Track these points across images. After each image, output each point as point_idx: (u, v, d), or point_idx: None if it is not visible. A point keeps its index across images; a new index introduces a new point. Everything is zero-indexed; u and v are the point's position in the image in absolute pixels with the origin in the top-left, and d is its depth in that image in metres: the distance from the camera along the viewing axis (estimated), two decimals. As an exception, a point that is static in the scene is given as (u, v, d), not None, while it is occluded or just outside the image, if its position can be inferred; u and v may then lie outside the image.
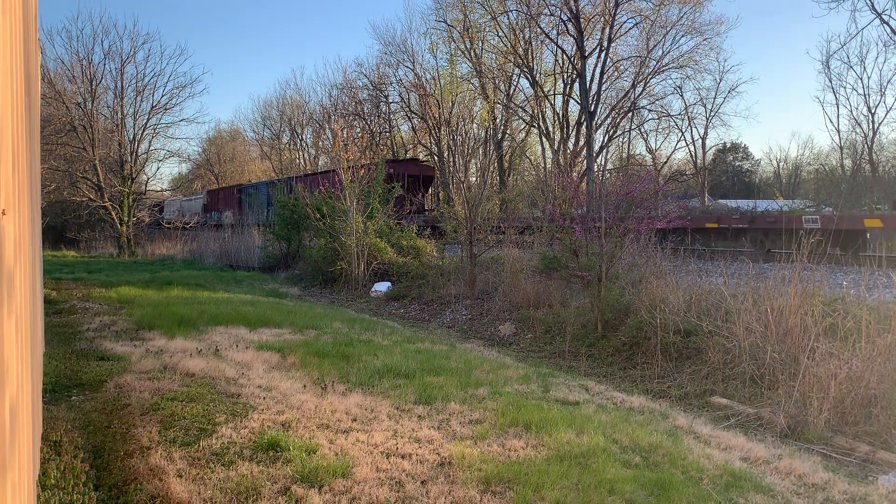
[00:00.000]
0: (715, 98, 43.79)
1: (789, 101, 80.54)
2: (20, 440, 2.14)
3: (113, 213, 34.44)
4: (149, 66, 55.15)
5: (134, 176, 35.68)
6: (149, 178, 40.17)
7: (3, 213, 1.68)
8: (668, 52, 34.29)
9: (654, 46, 34.04)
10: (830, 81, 45.56)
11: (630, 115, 37.21)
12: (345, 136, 21.97)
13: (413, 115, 45.06)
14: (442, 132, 40.10)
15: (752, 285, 8.95)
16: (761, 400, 7.11)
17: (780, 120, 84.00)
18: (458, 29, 37.98)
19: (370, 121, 46.54)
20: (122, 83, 35.20)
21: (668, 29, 33.49)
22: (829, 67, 39.59)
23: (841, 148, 36.48)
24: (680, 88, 38.49)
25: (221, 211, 42.91)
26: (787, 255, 9.05)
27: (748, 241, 16.45)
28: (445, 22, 38.43)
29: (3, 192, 1.71)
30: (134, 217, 35.54)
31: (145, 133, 36.42)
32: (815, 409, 6.33)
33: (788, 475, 5.01)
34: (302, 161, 59.45)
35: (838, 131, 44.52)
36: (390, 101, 45.76)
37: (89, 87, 34.05)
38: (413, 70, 43.03)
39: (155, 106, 36.22)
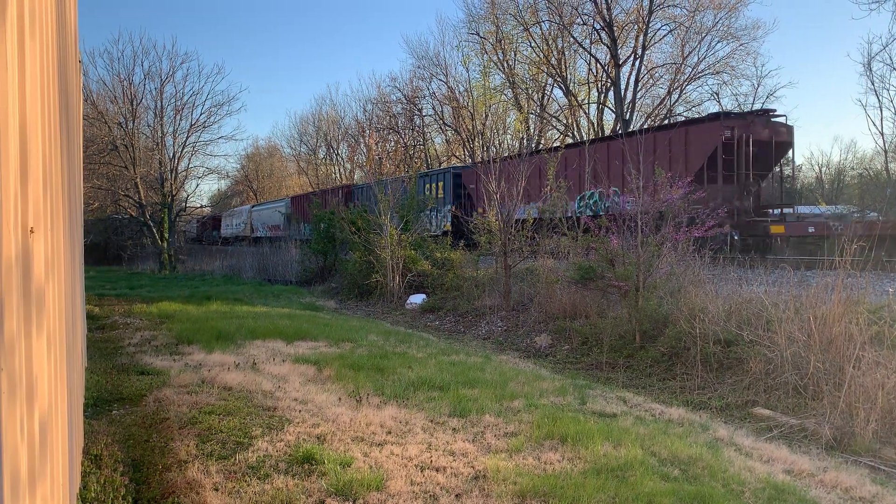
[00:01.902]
0: (753, 104, 42.98)
1: (830, 104, 78.87)
2: (53, 454, 2.17)
3: (154, 230, 35.17)
4: (187, 85, 56.19)
5: (174, 193, 36.41)
6: (188, 195, 40.92)
7: (32, 232, 1.71)
8: (704, 58, 33.96)
9: (690, 53, 33.76)
10: (873, 84, 44.33)
11: (666, 122, 36.85)
12: (379, 150, 22.05)
13: (447, 128, 45.28)
14: (475, 144, 40.19)
15: (794, 293, 8.74)
16: (805, 411, 6.93)
17: (821, 124, 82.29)
18: (491, 41, 38.14)
19: (404, 134, 46.86)
20: (161, 102, 36.06)
21: (704, 35, 33.19)
22: (871, 70, 38.59)
23: (885, 151, 35.47)
24: (717, 95, 37.89)
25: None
26: (829, 261, 8.80)
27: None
28: (478, 34, 38.63)
29: (31, 210, 1.74)
30: (175, 233, 36.24)
31: (185, 151, 37.24)
32: (862, 420, 6.14)
33: (834, 488, 4.86)
34: (338, 175, 60.05)
35: (882, 134, 43.36)
36: (424, 114, 46.08)
37: (130, 107, 34.94)
38: (446, 83, 43.32)
39: (194, 124, 37.02)
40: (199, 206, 48.75)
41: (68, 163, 3.67)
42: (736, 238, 16.09)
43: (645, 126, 34.63)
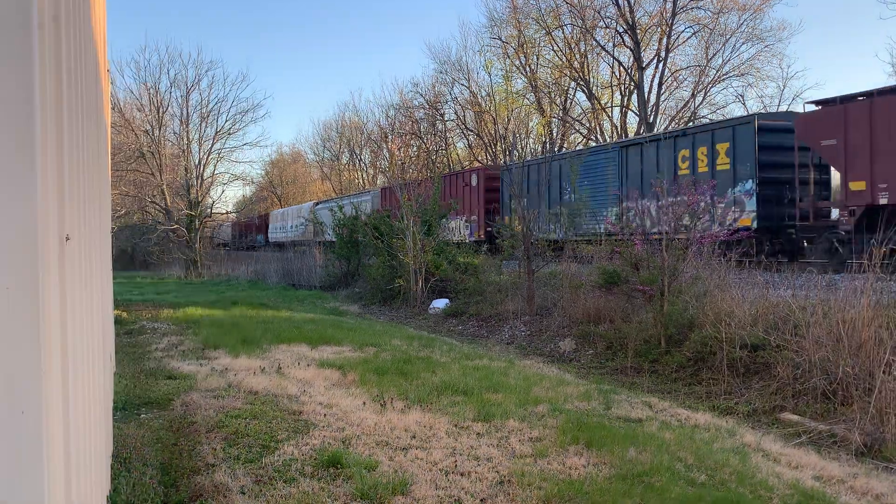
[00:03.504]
0: (779, 106, 42.59)
1: (858, 105, 77.58)
2: (87, 457, 2.22)
3: (180, 236, 35.58)
4: (212, 92, 56.43)
5: (200, 199, 36.79)
6: (214, 201, 41.30)
7: (68, 239, 1.76)
8: (729, 60, 33.68)
9: (714, 55, 33.49)
10: (901, 84, 43.74)
11: (691, 124, 36.55)
12: (402, 155, 22.10)
13: (469, 132, 45.28)
14: (498, 148, 40.16)
15: (822, 297, 8.63)
16: (834, 416, 6.83)
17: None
18: (513, 45, 38.10)
19: (426, 139, 46.92)
20: (187, 110, 36.52)
21: (728, 37, 32.93)
22: (899, 69, 38.15)
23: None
24: (742, 97, 37.55)
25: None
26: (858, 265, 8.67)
27: None
28: (500, 39, 38.62)
29: (67, 219, 1.79)
30: (201, 239, 36.61)
31: (210, 157, 37.64)
32: (893, 426, 6.05)
33: (865, 495, 4.79)
34: (361, 181, 60.33)
35: (912, 135, 42.62)
36: (446, 119, 46.09)
37: (156, 115, 35.42)
38: (468, 88, 43.34)
39: (219, 131, 37.44)
40: (224, 212, 49.16)
41: (98, 170, 3.74)
42: None
43: (667, 127, 34.37)
